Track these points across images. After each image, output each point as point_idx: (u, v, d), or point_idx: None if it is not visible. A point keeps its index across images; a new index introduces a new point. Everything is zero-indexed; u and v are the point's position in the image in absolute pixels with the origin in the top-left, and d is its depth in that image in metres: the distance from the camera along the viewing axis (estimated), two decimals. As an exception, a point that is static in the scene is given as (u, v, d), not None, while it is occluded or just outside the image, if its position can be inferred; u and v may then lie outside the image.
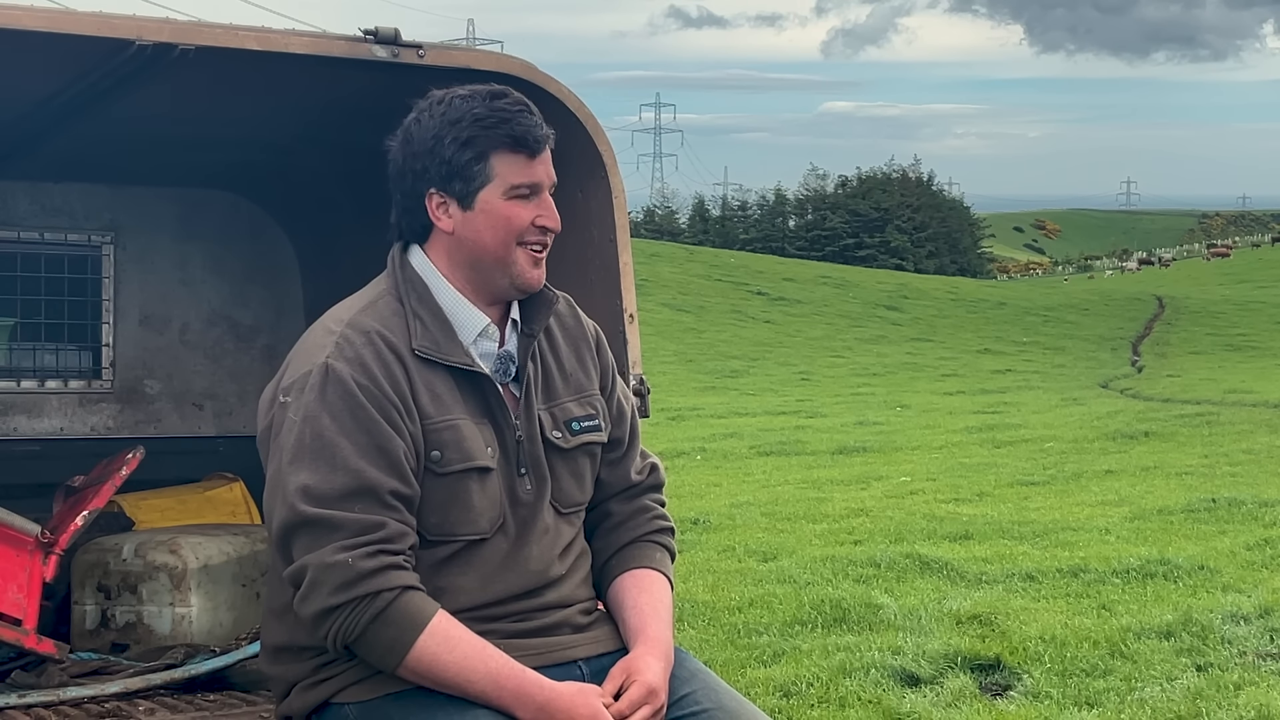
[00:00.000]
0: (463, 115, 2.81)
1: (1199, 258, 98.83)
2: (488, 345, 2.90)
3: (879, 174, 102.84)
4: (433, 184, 2.83)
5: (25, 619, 4.03)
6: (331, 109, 4.21)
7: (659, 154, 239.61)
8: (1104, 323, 49.73)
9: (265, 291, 5.62)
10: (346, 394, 2.72)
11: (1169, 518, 11.26)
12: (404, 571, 2.69)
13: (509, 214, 2.83)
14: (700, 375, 32.64)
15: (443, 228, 2.86)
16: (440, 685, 2.70)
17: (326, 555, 2.66)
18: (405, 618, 2.66)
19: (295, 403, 2.74)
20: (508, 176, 2.82)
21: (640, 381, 4.02)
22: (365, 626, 2.66)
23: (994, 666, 6.78)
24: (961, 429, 19.95)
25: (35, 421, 5.36)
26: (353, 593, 2.65)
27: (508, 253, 2.84)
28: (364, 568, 2.65)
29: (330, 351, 2.76)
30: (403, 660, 2.67)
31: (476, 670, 2.68)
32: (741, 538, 10.67)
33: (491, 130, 2.80)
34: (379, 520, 2.68)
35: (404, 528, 2.71)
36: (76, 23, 3.46)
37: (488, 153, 2.81)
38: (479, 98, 2.83)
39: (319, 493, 2.67)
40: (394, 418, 2.73)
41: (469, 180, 2.81)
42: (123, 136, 4.68)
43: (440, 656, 2.67)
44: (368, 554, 2.66)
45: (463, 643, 2.70)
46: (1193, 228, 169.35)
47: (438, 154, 2.81)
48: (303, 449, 2.70)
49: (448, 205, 2.84)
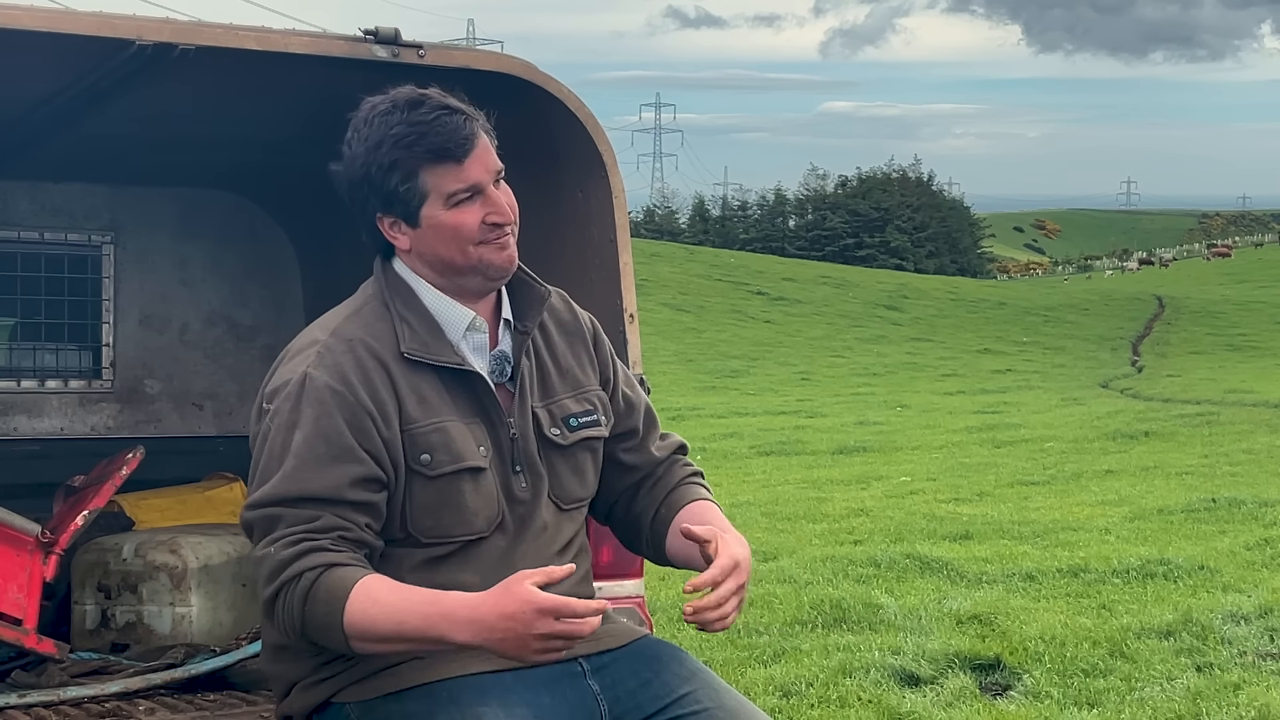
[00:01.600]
0: (382, 138, 2.75)
1: (1199, 258, 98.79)
2: (478, 339, 2.89)
3: (879, 174, 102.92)
4: (377, 210, 2.81)
5: (25, 619, 4.03)
6: (331, 109, 4.19)
7: (659, 154, 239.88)
8: (1104, 323, 49.77)
9: (265, 291, 5.62)
10: (318, 402, 2.71)
11: (1169, 518, 11.27)
12: (327, 553, 2.65)
13: (456, 223, 2.78)
14: (700, 375, 32.67)
15: (401, 246, 2.84)
16: (385, 643, 2.64)
17: (257, 551, 2.68)
18: (329, 591, 2.62)
19: (274, 411, 2.75)
20: (442, 188, 2.77)
21: (640, 381, 4.01)
22: (301, 611, 2.63)
23: (994, 666, 6.78)
24: (961, 429, 19.96)
25: (35, 421, 5.36)
26: (279, 580, 2.64)
27: (468, 257, 2.81)
28: (285, 555, 2.64)
29: (311, 360, 2.76)
30: (344, 633, 2.62)
31: (403, 611, 2.62)
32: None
33: (411, 148, 2.74)
34: (313, 514, 2.67)
35: (340, 521, 2.68)
36: (76, 23, 3.46)
37: (416, 170, 2.75)
38: (397, 112, 2.76)
39: (264, 498, 2.69)
40: (364, 425, 2.72)
41: (406, 202, 2.78)
42: (123, 136, 4.68)
43: (369, 612, 2.61)
44: (289, 543, 2.65)
45: (386, 593, 2.63)
46: (1193, 228, 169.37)
47: (370, 181, 2.77)
48: (267, 460, 2.72)
49: (399, 224, 2.82)
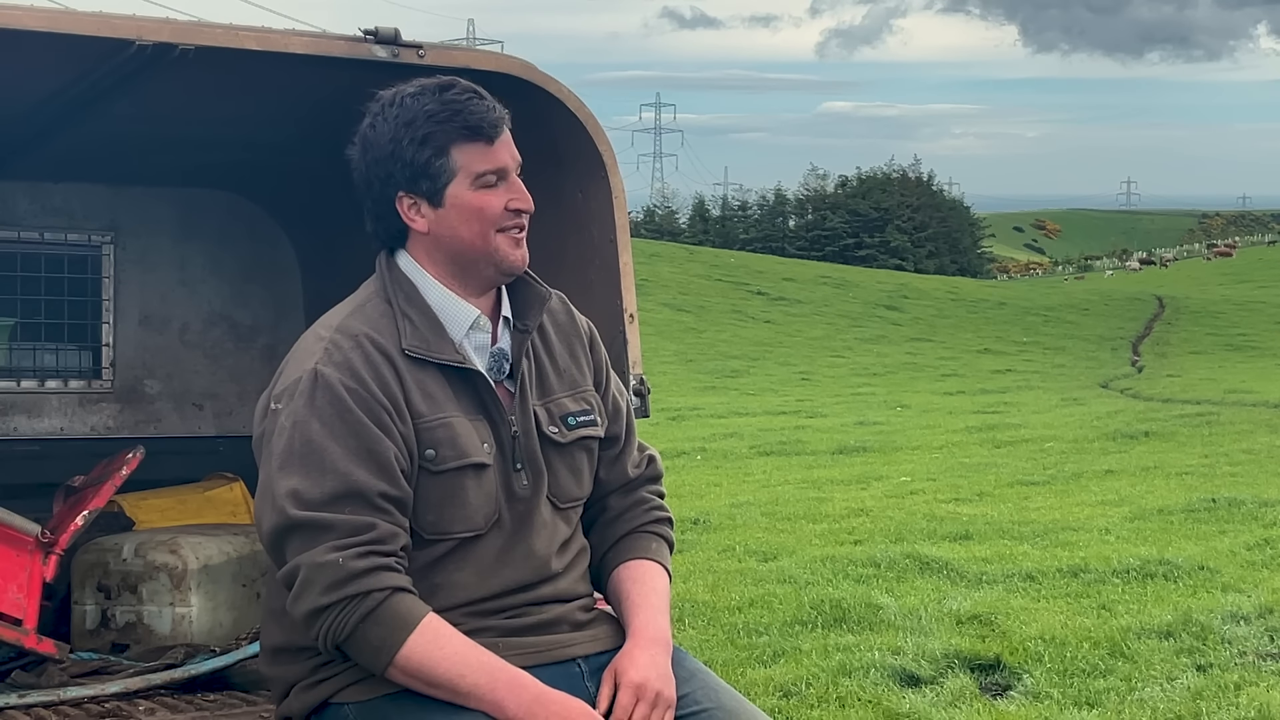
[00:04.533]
0: (416, 114, 2.80)
1: (1199, 258, 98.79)
2: (480, 338, 2.90)
3: (879, 174, 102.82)
4: (400, 187, 2.83)
5: (25, 619, 4.03)
6: (332, 109, 4.19)
7: (659, 154, 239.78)
8: (1104, 323, 49.72)
9: (265, 291, 5.62)
10: (335, 398, 2.72)
11: (1169, 518, 11.26)
12: (394, 573, 2.69)
13: (480, 204, 2.83)
14: (700, 375, 32.64)
15: (418, 228, 2.85)
16: (431, 684, 2.68)
17: (318, 555, 2.66)
18: (395, 618, 2.66)
19: (285, 409, 2.75)
20: (471, 166, 2.81)
21: (640, 381, 4.01)
22: (355, 626, 2.66)
23: (994, 666, 6.78)
24: (961, 429, 19.95)
25: (35, 421, 5.36)
26: (343, 592, 2.65)
27: (487, 242, 2.84)
28: (355, 568, 2.65)
29: (319, 357, 2.77)
30: (393, 660, 2.67)
31: (469, 664, 2.67)
32: (741, 538, 10.66)
33: (446, 124, 2.79)
34: (370, 521, 2.68)
35: (395, 529, 2.71)
36: (76, 23, 3.46)
37: (447, 147, 2.80)
38: (429, 93, 2.83)
39: (308, 497, 2.68)
40: (383, 419, 2.73)
41: (434, 178, 2.81)
42: (123, 136, 4.68)
43: (431, 653, 2.67)
44: (358, 554, 2.66)
45: (454, 639, 2.70)
46: (1193, 228, 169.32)
47: (399, 156, 2.80)
48: (291, 454, 2.71)
49: (419, 205, 2.84)
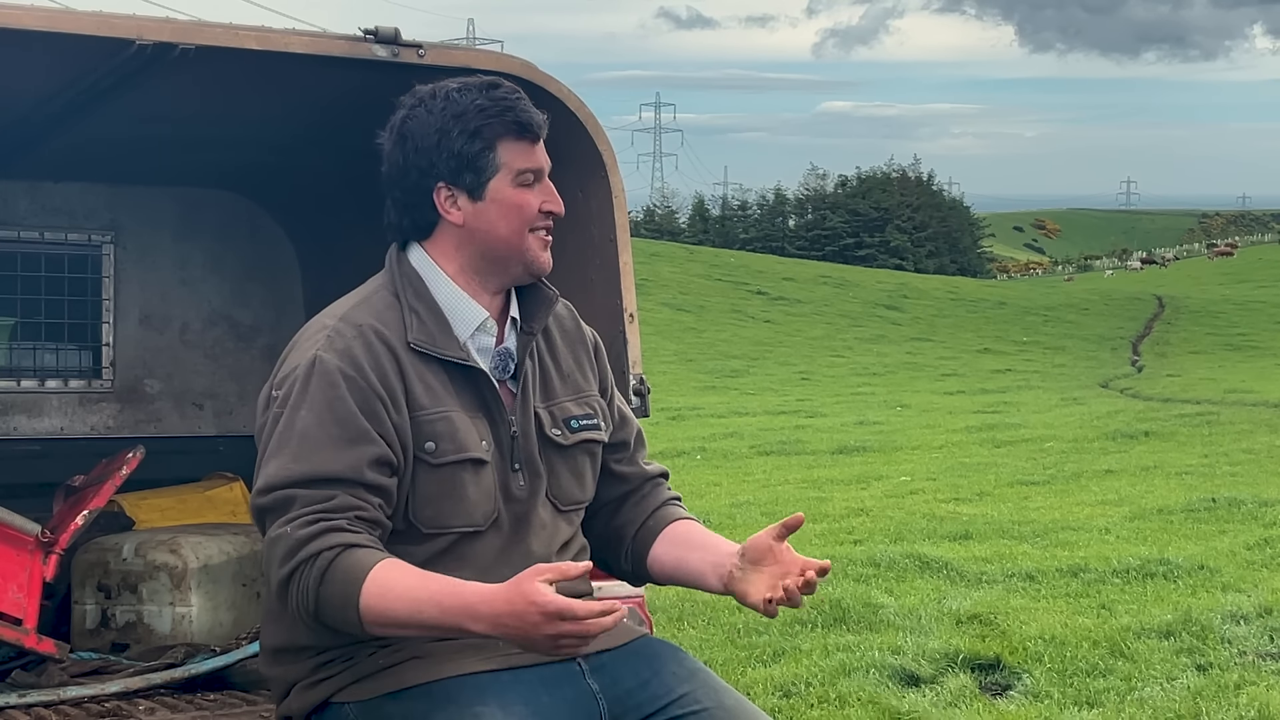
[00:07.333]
0: (466, 107, 2.82)
1: (1200, 257, 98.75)
2: (485, 340, 2.90)
3: (879, 173, 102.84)
4: (441, 178, 2.84)
5: (25, 618, 4.03)
6: (332, 109, 4.20)
7: (659, 154, 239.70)
8: (1104, 322, 49.75)
9: (265, 291, 5.62)
10: (329, 385, 2.72)
11: (1169, 517, 11.27)
12: (345, 533, 2.65)
13: (520, 201, 2.85)
14: (700, 375, 32.66)
15: (452, 220, 2.86)
16: (400, 628, 2.65)
17: (272, 532, 2.67)
18: (345, 572, 2.62)
19: (283, 397, 2.75)
20: (514, 164, 2.84)
21: (640, 381, 4.01)
22: (316, 591, 2.63)
23: (994, 666, 6.79)
24: (961, 429, 19.96)
25: (35, 421, 5.36)
26: (295, 559, 2.63)
27: (521, 240, 2.86)
28: (302, 534, 2.63)
29: (321, 344, 2.77)
30: (359, 615, 2.62)
31: (420, 600, 2.61)
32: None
33: (497, 119, 2.82)
34: (327, 494, 2.67)
35: (355, 501, 2.68)
36: (76, 22, 3.46)
37: (495, 142, 2.83)
38: (477, 89, 2.85)
39: (276, 480, 2.68)
40: (375, 409, 2.72)
41: (480, 171, 2.83)
42: (123, 136, 4.68)
43: (386, 598, 2.61)
44: (306, 522, 2.64)
45: (403, 578, 2.63)
46: (1193, 227, 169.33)
47: (445, 148, 2.81)
48: (276, 441, 2.72)
49: (456, 198, 2.85)
